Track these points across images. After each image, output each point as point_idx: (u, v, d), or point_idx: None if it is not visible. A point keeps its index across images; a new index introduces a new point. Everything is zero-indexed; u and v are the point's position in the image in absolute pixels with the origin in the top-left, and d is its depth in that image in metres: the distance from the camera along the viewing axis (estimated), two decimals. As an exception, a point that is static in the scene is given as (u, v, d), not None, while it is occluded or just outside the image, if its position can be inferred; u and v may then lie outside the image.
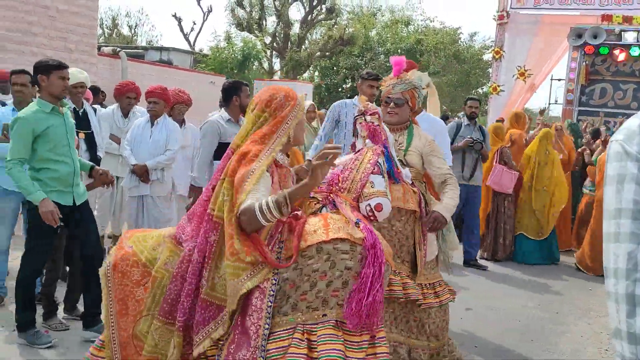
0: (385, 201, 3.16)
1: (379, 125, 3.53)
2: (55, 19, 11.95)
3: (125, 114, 6.64)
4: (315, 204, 2.93)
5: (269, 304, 2.47)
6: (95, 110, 6.55)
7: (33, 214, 4.32)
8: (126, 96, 6.54)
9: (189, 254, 2.62)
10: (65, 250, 4.88)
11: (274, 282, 2.51)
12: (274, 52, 27.52)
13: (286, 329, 2.50)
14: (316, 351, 2.45)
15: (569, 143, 9.13)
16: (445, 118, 10.75)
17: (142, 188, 5.83)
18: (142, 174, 5.78)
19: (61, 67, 4.36)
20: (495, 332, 5.31)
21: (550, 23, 14.63)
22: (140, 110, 6.67)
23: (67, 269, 5.30)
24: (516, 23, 14.77)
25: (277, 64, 27.87)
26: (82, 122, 5.82)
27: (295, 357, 2.42)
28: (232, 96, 5.18)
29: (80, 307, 4.84)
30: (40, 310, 4.68)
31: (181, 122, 6.49)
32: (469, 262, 7.73)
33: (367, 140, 3.40)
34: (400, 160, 3.84)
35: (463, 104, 8.27)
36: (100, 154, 6.17)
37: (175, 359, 2.58)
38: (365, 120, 3.49)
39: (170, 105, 6.20)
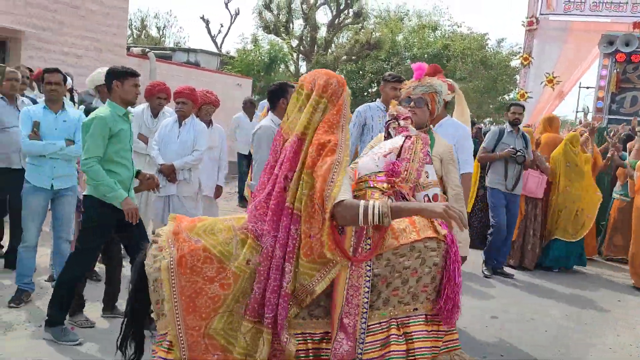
0: (440, 192, 3.21)
1: None
2: (85, 19, 12.11)
3: (155, 114, 6.65)
4: (380, 194, 2.86)
5: (365, 300, 2.59)
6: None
7: (90, 215, 4.38)
8: (157, 97, 6.54)
9: (271, 249, 2.58)
10: (103, 250, 4.89)
11: (367, 277, 2.60)
12: (300, 55, 27.50)
13: (379, 322, 2.67)
14: (412, 343, 2.69)
15: (594, 149, 8.99)
16: (472, 124, 10.63)
17: (169, 188, 5.86)
18: (169, 173, 5.81)
19: (135, 74, 4.53)
20: (521, 342, 5.23)
21: (580, 30, 14.44)
22: (169, 111, 6.69)
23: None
24: (545, 29, 14.61)
25: (303, 67, 27.82)
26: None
27: (397, 354, 2.63)
28: (280, 98, 5.07)
29: (120, 306, 4.91)
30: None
31: (208, 123, 6.50)
32: (496, 270, 7.63)
33: (411, 127, 3.32)
34: None
35: (505, 110, 8.16)
36: (127, 153, 6.23)
37: (264, 356, 2.57)
38: (398, 124, 3.46)
39: (198, 106, 6.22)
